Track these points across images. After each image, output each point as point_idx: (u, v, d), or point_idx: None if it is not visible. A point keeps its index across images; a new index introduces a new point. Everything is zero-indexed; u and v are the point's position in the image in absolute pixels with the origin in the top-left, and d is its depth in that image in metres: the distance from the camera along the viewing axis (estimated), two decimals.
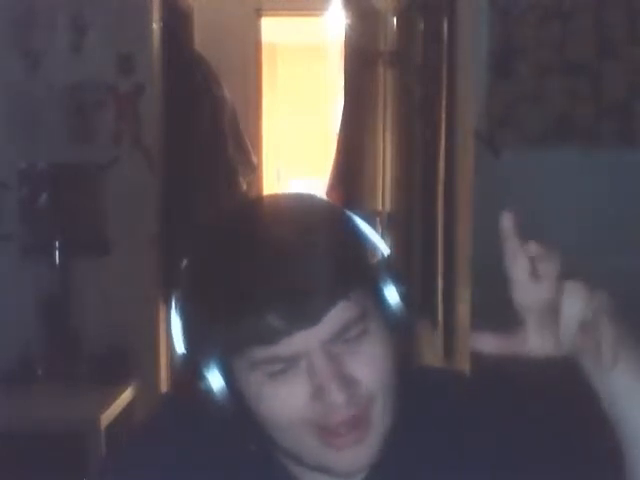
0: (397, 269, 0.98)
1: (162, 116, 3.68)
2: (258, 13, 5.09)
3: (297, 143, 7.05)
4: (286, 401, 0.92)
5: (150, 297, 3.59)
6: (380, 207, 4.17)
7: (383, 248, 0.99)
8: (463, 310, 2.97)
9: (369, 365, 0.93)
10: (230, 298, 0.91)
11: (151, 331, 3.59)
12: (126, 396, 3.32)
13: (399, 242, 3.84)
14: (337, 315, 0.91)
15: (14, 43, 3.44)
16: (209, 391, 0.93)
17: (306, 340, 0.90)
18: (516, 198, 3.00)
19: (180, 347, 0.96)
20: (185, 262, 0.98)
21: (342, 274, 0.92)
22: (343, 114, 4.34)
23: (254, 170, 4.77)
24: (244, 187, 4.52)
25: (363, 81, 4.20)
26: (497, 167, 3.00)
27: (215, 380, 0.93)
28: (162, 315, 3.70)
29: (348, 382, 0.91)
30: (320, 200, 1.05)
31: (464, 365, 2.88)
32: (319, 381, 0.91)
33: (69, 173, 3.48)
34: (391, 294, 0.96)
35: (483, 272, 2.92)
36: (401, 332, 0.97)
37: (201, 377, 0.94)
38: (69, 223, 3.49)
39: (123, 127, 3.48)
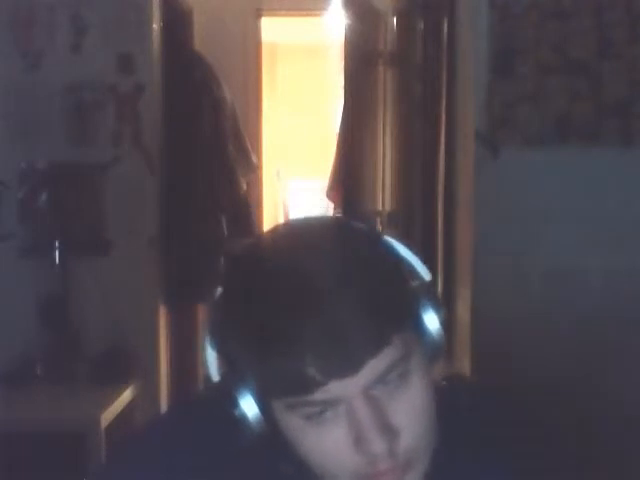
0: (437, 294, 0.93)
1: (162, 116, 3.68)
2: (258, 13, 5.08)
3: (297, 143, 7.06)
4: (325, 447, 0.89)
5: (150, 297, 3.59)
6: (380, 207, 4.17)
7: (424, 274, 0.94)
8: (463, 310, 2.97)
9: (411, 411, 0.89)
10: (265, 343, 0.87)
11: (151, 331, 3.59)
12: (126, 396, 3.32)
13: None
14: (379, 361, 0.86)
15: (14, 43, 3.44)
16: (243, 418, 0.90)
17: (345, 387, 0.86)
18: (516, 198, 3.00)
19: (215, 376, 0.93)
20: (220, 293, 0.93)
21: (386, 318, 0.87)
22: (343, 114, 4.34)
23: (254, 170, 4.77)
24: (244, 187, 4.52)
25: (363, 81, 4.19)
26: (497, 167, 3.00)
27: (250, 410, 0.90)
28: (162, 315, 3.70)
29: (390, 432, 0.87)
30: (358, 230, 0.96)
31: (464, 365, 2.88)
32: (360, 429, 0.87)
33: (69, 173, 3.48)
34: (432, 323, 0.91)
35: (483, 272, 2.92)
36: (439, 357, 0.93)
37: (236, 405, 0.90)
38: (69, 223, 3.49)
39: (123, 127, 3.48)
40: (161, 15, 3.66)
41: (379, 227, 4.07)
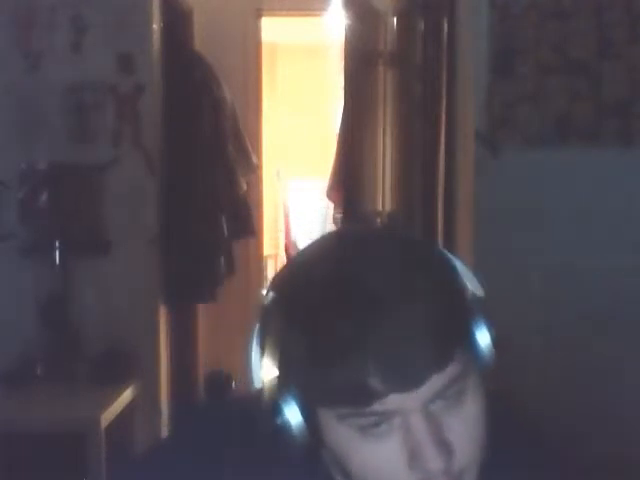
0: (488, 309, 0.91)
1: (162, 116, 3.68)
2: (258, 13, 5.08)
3: (297, 143, 7.05)
4: (378, 461, 0.87)
5: (150, 297, 3.59)
6: (380, 207, 4.17)
7: (478, 290, 0.93)
8: None
9: (467, 428, 0.87)
10: (327, 349, 0.84)
11: (151, 331, 3.58)
12: (126, 396, 3.32)
13: None
14: (441, 377, 0.85)
15: (14, 43, 3.44)
16: (286, 427, 0.87)
17: (404, 401, 0.84)
18: (516, 198, 3.00)
19: (258, 382, 0.90)
20: (273, 298, 0.90)
21: (451, 334, 0.85)
22: (343, 114, 4.34)
23: (254, 170, 4.77)
24: (244, 187, 4.52)
25: (363, 81, 4.20)
26: (497, 167, 3.00)
27: (294, 418, 0.87)
28: (162, 315, 3.70)
29: (446, 448, 0.85)
30: (419, 242, 0.95)
31: None
32: (416, 445, 0.85)
33: (69, 173, 3.48)
34: (485, 340, 0.89)
35: (483, 272, 2.92)
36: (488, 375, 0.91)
37: (279, 413, 0.87)
38: (69, 223, 3.49)
39: (123, 127, 3.48)
40: (161, 15, 3.66)
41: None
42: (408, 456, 0.86)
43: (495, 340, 0.89)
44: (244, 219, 4.54)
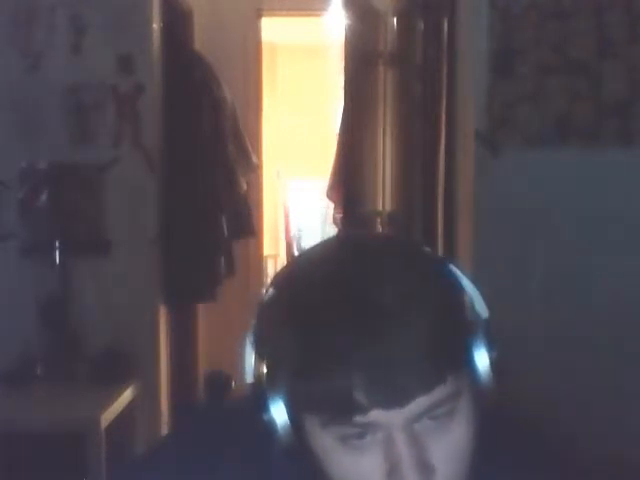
0: (492, 333, 0.88)
1: (162, 116, 3.68)
2: (258, 13, 5.08)
3: (297, 143, 7.05)
4: (356, 473, 0.86)
5: (150, 297, 3.59)
6: (380, 207, 4.17)
7: (483, 310, 0.90)
8: None
9: (451, 452, 0.86)
10: (315, 355, 0.83)
11: (151, 331, 3.58)
12: (126, 396, 3.32)
13: None
14: (429, 397, 0.83)
15: (14, 43, 3.44)
16: (271, 425, 0.87)
17: (389, 417, 0.83)
18: (516, 198, 3.00)
19: (249, 378, 0.89)
20: (272, 296, 0.89)
21: (445, 358, 0.83)
22: (343, 114, 4.34)
23: (254, 170, 4.77)
24: (244, 187, 4.52)
25: (363, 81, 4.19)
26: (497, 167, 3.00)
27: (280, 419, 0.86)
28: (162, 315, 3.70)
29: (426, 470, 0.84)
30: (426, 256, 0.92)
31: None
32: (396, 462, 0.84)
33: (69, 173, 3.48)
34: (484, 363, 0.87)
35: (483, 272, 2.92)
36: (488, 400, 0.89)
37: (266, 412, 0.87)
38: (69, 223, 3.49)
39: (123, 127, 3.48)
40: (161, 15, 3.66)
41: (379, 227, 4.07)
42: (387, 472, 0.85)
43: (496, 362, 0.87)
44: (244, 219, 4.54)
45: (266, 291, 0.91)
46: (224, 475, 0.98)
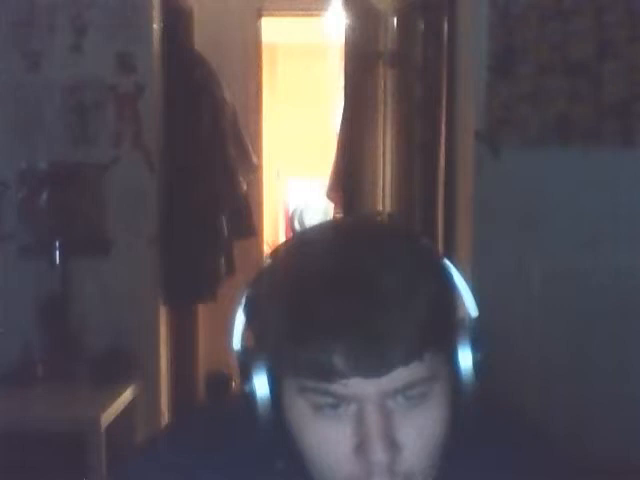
0: (481, 333, 0.91)
1: (162, 116, 3.68)
2: (258, 13, 5.08)
3: (297, 143, 7.05)
4: (326, 443, 0.88)
5: (150, 297, 3.59)
6: (380, 207, 4.17)
7: (472, 309, 0.93)
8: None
9: (420, 434, 0.87)
10: (300, 320, 0.86)
11: (151, 331, 3.58)
12: (126, 396, 3.32)
13: None
14: (404, 373, 0.85)
15: (14, 43, 3.44)
16: (251, 396, 0.90)
17: (364, 387, 0.85)
18: (516, 198, 3.01)
19: (237, 344, 0.93)
20: (269, 267, 0.93)
21: (425, 334, 0.85)
22: (343, 114, 4.34)
23: (254, 170, 4.76)
24: (244, 187, 4.52)
25: (363, 81, 4.19)
26: (497, 167, 3.00)
27: (260, 388, 0.90)
28: (162, 315, 3.70)
29: (394, 446, 0.86)
30: (422, 241, 0.95)
31: None
32: (365, 435, 0.86)
33: (69, 173, 3.48)
34: (466, 359, 0.90)
35: (483, 272, 2.92)
36: (467, 398, 0.90)
37: (248, 379, 0.90)
38: (69, 223, 3.49)
39: (123, 127, 3.48)
40: (161, 15, 3.66)
41: None
42: (355, 445, 0.86)
43: (483, 363, 0.89)
44: (244, 219, 4.53)
45: (265, 259, 0.95)
46: (223, 474, 0.99)
